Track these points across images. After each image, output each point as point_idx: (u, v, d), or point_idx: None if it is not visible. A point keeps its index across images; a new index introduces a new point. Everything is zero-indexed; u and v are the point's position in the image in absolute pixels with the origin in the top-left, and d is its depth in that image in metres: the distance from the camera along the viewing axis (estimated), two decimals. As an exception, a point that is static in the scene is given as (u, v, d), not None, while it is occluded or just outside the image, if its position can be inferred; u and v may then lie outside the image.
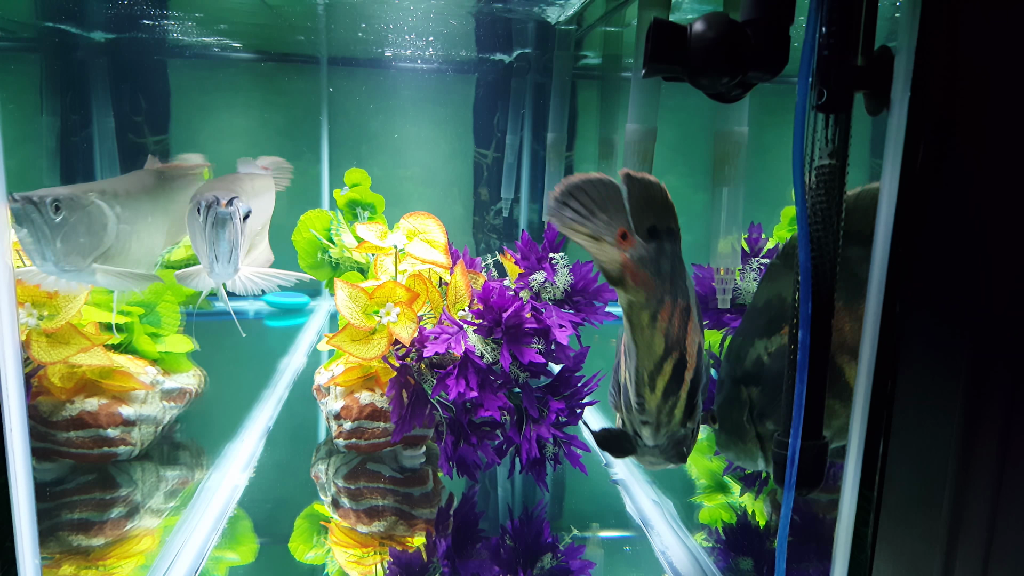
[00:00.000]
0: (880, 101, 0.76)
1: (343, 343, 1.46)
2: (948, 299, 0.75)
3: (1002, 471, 0.75)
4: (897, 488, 0.81)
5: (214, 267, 1.36)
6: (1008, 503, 0.75)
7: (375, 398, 1.56)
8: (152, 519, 1.40)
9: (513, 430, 1.43)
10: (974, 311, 0.73)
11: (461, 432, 1.40)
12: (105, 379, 1.54)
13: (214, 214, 1.30)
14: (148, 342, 1.68)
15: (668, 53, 0.79)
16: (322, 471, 1.59)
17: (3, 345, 0.83)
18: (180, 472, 1.59)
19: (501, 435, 1.44)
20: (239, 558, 1.30)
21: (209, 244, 1.33)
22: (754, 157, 1.48)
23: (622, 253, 1.02)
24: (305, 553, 1.32)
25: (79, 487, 1.49)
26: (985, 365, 0.73)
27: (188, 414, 1.79)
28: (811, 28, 0.76)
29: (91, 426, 1.49)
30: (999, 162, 0.71)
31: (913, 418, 0.79)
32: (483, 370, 1.38)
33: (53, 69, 2.78)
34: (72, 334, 1.42)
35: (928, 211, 0.74)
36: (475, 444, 1.41)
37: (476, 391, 1.35)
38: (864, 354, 0.80)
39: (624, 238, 1.03)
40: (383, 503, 1.47)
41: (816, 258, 0.78)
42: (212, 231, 1.32)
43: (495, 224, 3.18)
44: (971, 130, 0.72)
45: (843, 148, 0.77)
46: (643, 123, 1.33)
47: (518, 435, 1.42)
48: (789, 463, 0.79)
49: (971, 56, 0.71)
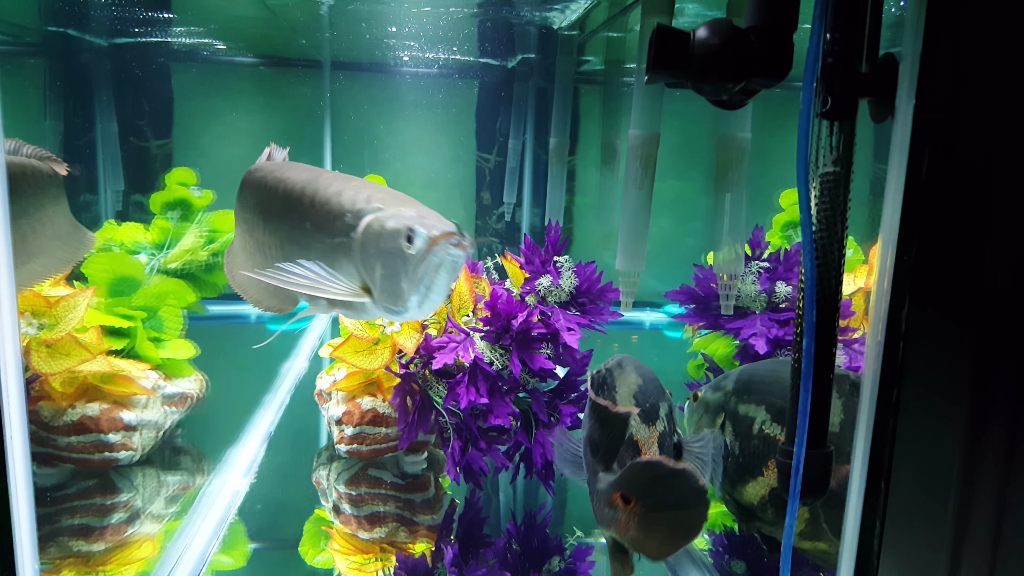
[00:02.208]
0: (885, 108, 0.76)
1: (346, 355, 1.46)
2: (954, 305, 0.74)
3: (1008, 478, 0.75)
4: (902, 495, 0.80)
5: (409, 308, 1.09)
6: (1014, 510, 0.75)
7: (377, 403, 1.56)
8: (152, 525, 1.39)
9: (522, 434, 1.43)
10: (980, 317, 0.73)
11: (469, 438, 1.40)
12: (107, 384, 1.53)
13: (445, 254, 1.04)
14: (151, 347, 1.68)
15: (671, 59, 0.79)
16: (323, 477, 1.59)
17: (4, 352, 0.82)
18: (181, 477, 1.59)
19: (509, 440, 1.44)
20: (240, 564, 1.30)
21: (421, 284, 1.06)
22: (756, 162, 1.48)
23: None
24: (306, 559, 1.32)
25: (80, 492, 1.49)
26: (991, 371, 0.73)
27: (190, 419, 1.79)
28: (815, 34, 0.75)
29: (92, 431, 1.49)
30: (1005, 168, 0.71)
31: (918, 426, 0.78)
32: (492, 377, 1.37)
33: (57, 73, 2.79)
34: (73, 345, 1.42)
35: (933, 218, 0.73)
36: (484, 449, 1.40)
37: (486, 398, 1.35)
38: (869, 360, 0.79)
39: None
40: (384, 509, 1.46)
41: (821, 265, 0.78)
42: (434, 272, 1.05)
43: (497, 228, 3.18)
44: (976, 136, 0.71)
45: (848, 155, 0.76)
46: (645, 128, 1.33)
47: (527, 439, 1.42)
48: (793, 472, 0.78)
49: (976, 62, 0.71)
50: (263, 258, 1.30)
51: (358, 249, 1.09)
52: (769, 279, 1.58)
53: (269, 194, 1.28)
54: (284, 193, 1.24)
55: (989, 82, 0.71)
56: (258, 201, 1.31)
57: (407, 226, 1.04)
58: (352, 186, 1.17)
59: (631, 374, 1.06)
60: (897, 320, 0.77)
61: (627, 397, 1.03)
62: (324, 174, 1.25)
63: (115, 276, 1.66)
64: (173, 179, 2.18)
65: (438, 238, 1.02)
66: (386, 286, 1.07)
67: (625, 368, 1.07)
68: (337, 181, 1.21)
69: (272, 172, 1.31)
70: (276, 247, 1.26)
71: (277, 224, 1.25)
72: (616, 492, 0.93)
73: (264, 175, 1.32)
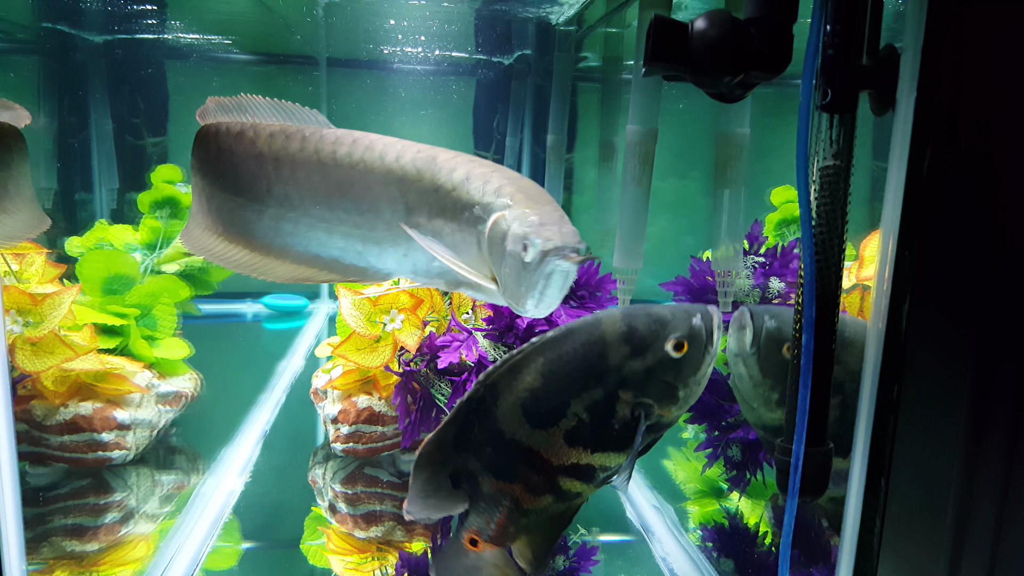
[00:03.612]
0: (886, 101, 0.75)
1: (348, 352, 1.45)
2: (955, 303, 0.73)
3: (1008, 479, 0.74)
4: (902, 495, 0.79)
5: (527, 308, 1.10)
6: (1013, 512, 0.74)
7: (373, 402, 1.55)
8: (146, 524, 1.38)
9: None
10: (982, 315, 0.72)
11: None
12: (100, 382, 1.52)
13: (555, 265, 1.03)
14: (144, 346, 1.66)
15: (669, 51, 0.77)
16: (319, 475, 1.58)
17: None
18: (175, 477, 1.58)
19: None
20: (234, 564, 1.29)
21: (535, 289, 1.07)
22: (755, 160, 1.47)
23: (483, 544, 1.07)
24: (302, 558, 1.31)
25: (73, 492, 1.47)
26: (991, 371, 0.72)
27: (184, 418, 1.77)
28: (815, 27, 0.74)
29: (85, 430, 1.48)
30: (1008, 163, 0.70)
31: (919, 425, 0.77)
32: None
33: (51, 71, 2.77)
34: (56, 343, 1.40)
35: (935, 214, 0.72)
36: None
37: None
38: (869, 360, 0.78)
39: (473, 543, 1.07)
40: (381, 508, 1.45)
41: (820, 261, 0.77)
42: (546, 281, 1.05)
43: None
44: (979, 130, 0.70)
45: (848, 149, 0.75)
46: (644, 124, 1.32)
47: None
48: (792, 470, 0.77)
49: (978, 55, 0.70)
50: (265, 227, 1.25)
51: (486, 243, 1.10)
52: (764, 274, 1.58)
53: (295, 159, 1.21)
54: (346, 163, 1.18)
55: (992, 75, 0.70)
56: (262, 164, 1.23)
57: (525, 233, 1.05)
58: (479, 173, 1.13)
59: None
60: (898, 317, 0.76)
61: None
62: (426, 149, 1.18)
63: (109, 274, 1.65)
64: (159, 177, 2.15)
65: (549, 251, 1.03)
66: (508, 284, 1.10)
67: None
68: (460, 163, 1.15)
69: (301, 136, 1.23)
70: (304, 218, 1.21)
71: (315, 195, 1.20)
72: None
73: (279, 137, 1.24)
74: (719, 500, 1.54)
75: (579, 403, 1.01)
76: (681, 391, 1.01)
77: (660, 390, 1.01)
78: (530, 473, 1.03)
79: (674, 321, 1.02)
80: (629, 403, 1.01)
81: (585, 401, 1.01)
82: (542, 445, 1.02)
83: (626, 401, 1.01)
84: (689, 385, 1.02)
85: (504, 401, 1.03)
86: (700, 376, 1.02)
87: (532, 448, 1.03)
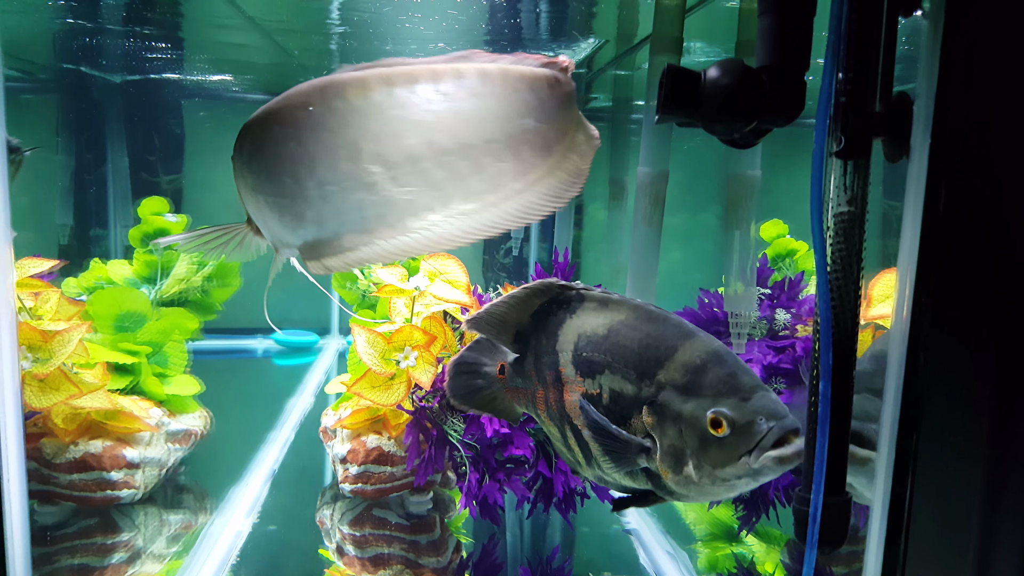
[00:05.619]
0: (899, 147, 0.75)
1: (363, 390, 1.44)
2: (973, 347, 0.73)
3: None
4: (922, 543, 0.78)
5: None
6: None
7: (382, 441, 1.53)
8: (154, 565, 1.37)
9: (542, 464, 1.40)
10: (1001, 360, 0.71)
11: (487, 470, 1.38)
12: (110, 420, 1.52)
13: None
14: (156, 383, 1.66)
15: (682, 100, 0.78)
16: (327, 517, 1.56)
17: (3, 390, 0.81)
18: (183, 516, 1.57)
19: (529, 469, 1.41)
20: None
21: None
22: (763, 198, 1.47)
23: (507, 388, 1.08)
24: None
25: (80, 531, 1.46)
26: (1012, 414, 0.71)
27: (193, 456, 1.77)
28: (828, 74, 0.75)
29: (95, 468, 1.47)
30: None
31: (938, 472, 0.76)
32: None
33: (69, 109, 2.82)
34: (62, 379, 1.40)
35: (951, 258, 0.72)
36: (502, 480, 1.38)
37: (508, 428, 1.35)
38: (888, 405, 0.77)
39: (502, 372, 1.08)
40: (389, 551, 1.43)
41: (836, 307, 0.76)
42: None
43: (504, 263, 3.17)
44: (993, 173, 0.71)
45: (862, 195, 0.75)
46: (654, 166, 1.32)
47: (548, 469, 1.40)
48: (811, 520, 0.76)
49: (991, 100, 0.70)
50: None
51: None
52: (771, 307, 1.57)
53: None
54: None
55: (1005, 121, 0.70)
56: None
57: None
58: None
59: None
60: (915, 363, 0.75)
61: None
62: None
63: (120, 311, 1.65)
64: (146, 211, 2.14)
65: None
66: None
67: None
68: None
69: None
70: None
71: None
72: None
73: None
74: (732, 545, 1.52)
75: (611, 378, 0.91)
76: (690, 467, 0.85)
77: (672, 444, 0.86)
78: (552, 397, 0.99)
79: (741, 396, 0.84)
80: (640, 428, 0.89)
81: (615, 383, 0.91)
82: (569, 384, 0.96)
83: (639, 421, 0.90)
84: (702, 468, 0.84)
85: (574, 319, 0.97)
86: (720, 474, 0.84)
87: (562, 380, 0.97)
